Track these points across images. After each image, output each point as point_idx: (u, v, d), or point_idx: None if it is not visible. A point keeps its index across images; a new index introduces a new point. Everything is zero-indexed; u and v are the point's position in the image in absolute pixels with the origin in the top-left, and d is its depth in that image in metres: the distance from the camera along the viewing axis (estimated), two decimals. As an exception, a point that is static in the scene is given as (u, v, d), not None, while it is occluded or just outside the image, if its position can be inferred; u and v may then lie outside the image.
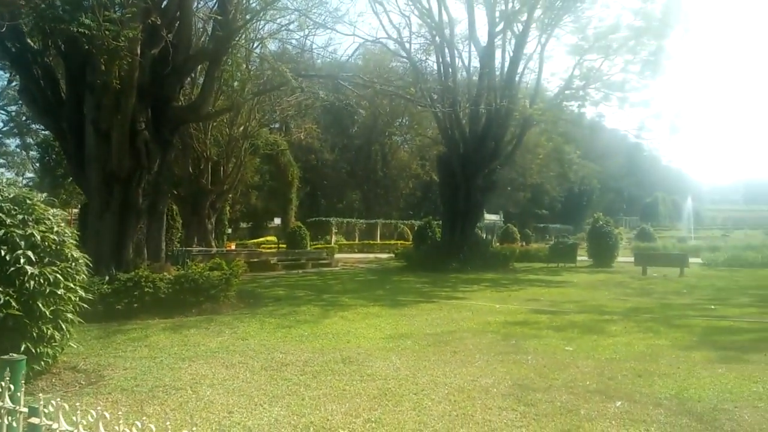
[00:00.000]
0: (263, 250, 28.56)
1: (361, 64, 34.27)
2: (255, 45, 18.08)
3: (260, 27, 19.30)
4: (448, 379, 6.17)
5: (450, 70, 23.59)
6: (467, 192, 23.43)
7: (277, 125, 35.95)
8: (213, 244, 24.69)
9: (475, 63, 24.67)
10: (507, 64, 23.34)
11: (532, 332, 9.20)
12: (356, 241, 43.69)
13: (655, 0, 20.38)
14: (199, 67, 16.57)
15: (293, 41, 22.00)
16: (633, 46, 21.96)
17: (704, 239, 43.22)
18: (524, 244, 36.70)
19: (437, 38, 23.86)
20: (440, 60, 24.02)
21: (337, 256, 30.65)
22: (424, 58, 26.45)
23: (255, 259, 22.40)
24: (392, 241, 41.96)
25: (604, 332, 9.09)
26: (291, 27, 17.62)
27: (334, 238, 41.83)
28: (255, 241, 39.54)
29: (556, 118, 23.65)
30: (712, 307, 12.00)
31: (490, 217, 51.22)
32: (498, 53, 23.92)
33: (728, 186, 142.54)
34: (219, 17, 12.95)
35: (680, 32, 21.08)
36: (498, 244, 35.37)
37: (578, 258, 25.76)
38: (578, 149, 30.17)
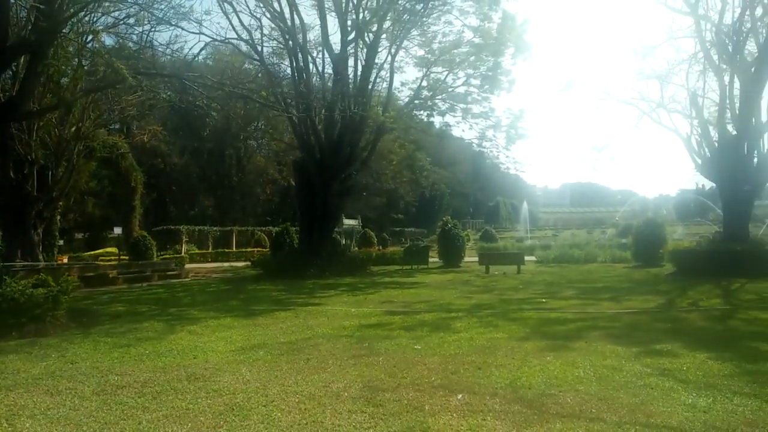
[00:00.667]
0: (101, 263, 26.05)
1: (211, 65, 32.87)
2: (88, 39, 16.46)
3: (95, 20, 17.70)
4: (300, 387, 6.07)
5: (304, 75, 23.55)
6: (324, 197, 23.53)
7: (116, 126, 33.12)
8: (40, 257, 21.95)
9: (330, 69, 25.00)
10: (360, 71, 23.90)
11: (384, 333, 9.41)
12: (210, 250, 41.72)
13: (492, 20, 22.23)
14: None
15: (134, 36, 20.46)
16: (473, 61, 23.73)
17: (539, 239, 47.86)
18: (381, 247, 37.74)
19: (290, 42, 23.70)
20: (294, 64, 23.88)
21: (189, 266, 29.06)
22: (277, 61, 26.14)
23: (91, 273, 20.41)
24: (249, 249, 40.76)
25: (450, 329, 9.58)
26: (129, 21, 16.35)
27: (184, 248, 39.56)
28: (92, 253, 36.05)
29: (408, 126, 24.76)
30: (543, 300, 13.28)
31: (348, 222, 51.94)
32: (351, 61, 24.44)
33: (558, 190, 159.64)
34: (42, 6, 11.58)
35: (513, 51, 23.10)
36: (356, 248, 36.04)
37: (430, 259, 27.11)
38: (429, 156, 31.78)
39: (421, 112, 25.93)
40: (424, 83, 25.05)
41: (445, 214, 37.32)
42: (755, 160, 20.38)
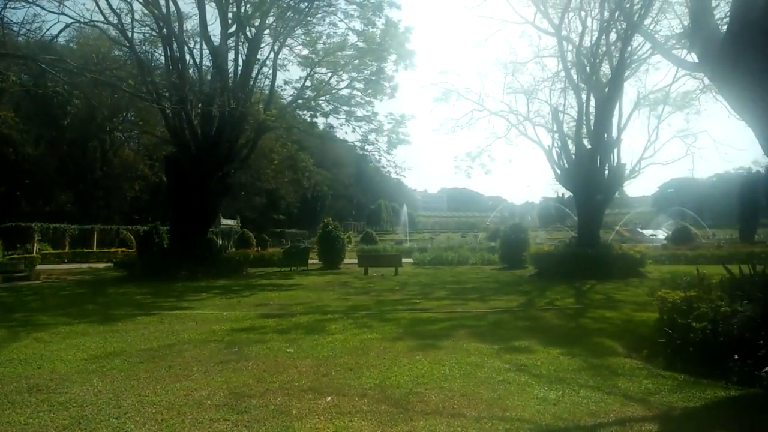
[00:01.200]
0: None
1: (75, 48, 30.05)
2: None
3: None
4: (159, 397, 5.67)
5: (179, 65, 22.27)
6: (200, 195, 22.42)
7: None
8: None
9: (208, 62, 23.85)
10: (241, 66, 23.12)
11: (257, 337, 9.11)
12: (66, 250, 38.02)
13: (376, 26, 22.59)
14: None
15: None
16: (357, 64, 23.96)
17: (417, 241, 49.47)
18: (260, 249, 36.77)
19: (164, 30, 22.30)
20: (168, 54, 22.49)
21: (41, 267, 26.26)
22: (149, 49, 24.49)
23: None
24: (112, 249, 37.76)
25: (325, 331, 9.51)
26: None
27: (36, 247, 35.73)
28: None
29: (290, 125, 24.36)
30: (417, 301, 13.66)
31: (226, 222, 50.05)
32: (232, 55, 23.58)
33: (436, 195, 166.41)
34: None
35: (395, 58, 23.66)
36: (234, 249, 34.80)
37: (310, 261, 26.90)
38: (312, 157, 31.56)
39: (305, 112, 25.72)
40: (308, 83, 24.89)
41: (328, 216, 37.21)
42: (606, 172, 22.62)
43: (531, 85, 27.06)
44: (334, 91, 24.97)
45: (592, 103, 22.61)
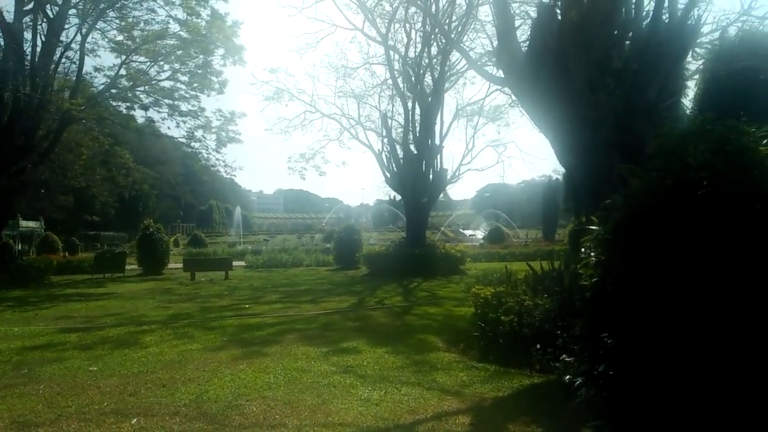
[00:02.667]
0: None
1: None
2: None
3: None
4: None
5: (-40, 41, 18.85)
6: (-13, 193, 19.16)
7: None
8: None
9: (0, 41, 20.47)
10: (40, 48, 20.19)
11: (53, 356, 7.94)
12: None
13: (201, 16, 21.31)
14: None
15: None
16: (181, 55, 22.40)
17: (251, 244, 48.13)
18: (67, 254, 32.74)
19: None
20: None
21: None
22: None
23: None
24: None
25: (138, 344, 8.62)
26: None
27: None
28: None
29: (101, 116, 21.92)
30: (247, 306, 13.10)
31: (27, 224, 43.76)
32: (30, 35, 20.47)
33: (272, 196, 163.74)
34: None
35: (224, 52, 22.58)
36: (35, 255, 30.53)
37: (129, 267, 24.57)
38: (130, 153, 28.84)
39: (120, 103, 23.36)
40: (123, 71, 22.62)
41: (152, 217, 34.37)
42: (431, 176, 24.02)
43: (362, 90, 27.80)
44: (154, 83, 23.04)
45: (418, 110, 23.89)
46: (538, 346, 6.72)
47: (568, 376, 3.98)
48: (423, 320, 10.72)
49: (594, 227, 3.91)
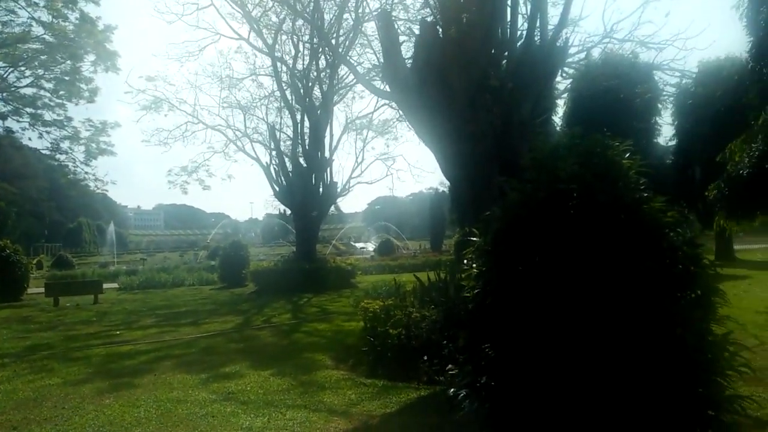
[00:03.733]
0: None
1: None
2: None
3: None
4: None
5: None
6: None
7: None
8: None
9: None
10: None
11: None
12: None
13: (68, 19, 19.55)
14: None
15: None
16: (45, 60, 20.39)
17: (127, 263, 44.82)
18: None
19: None
20: None
21: None
22: None
23: None
24: None
25: (-15, 382, 7.53)
26: None
27: None
28: None
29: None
30: (118, 332, 11.99)
31: None
32: None
33: (152, 211, 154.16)
34: None
35: (94, 59, 20.87)
36: None
37: (-21, 293, 21.70)
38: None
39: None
40: (-24, 76, 20.17)
41: (11, 237, 30.82)
42: (321, 189, 23.80)
43: (248, 102, 27.00)
44: (13, 89, 20.74)
45: (307, 123, 23.62)
46: (426, 357, 6.73)
47: (452, 389, 3.94)
48: (312, 337, 10.43)
49: (475, 239, 3.94)
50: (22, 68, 21.03)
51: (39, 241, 76.19)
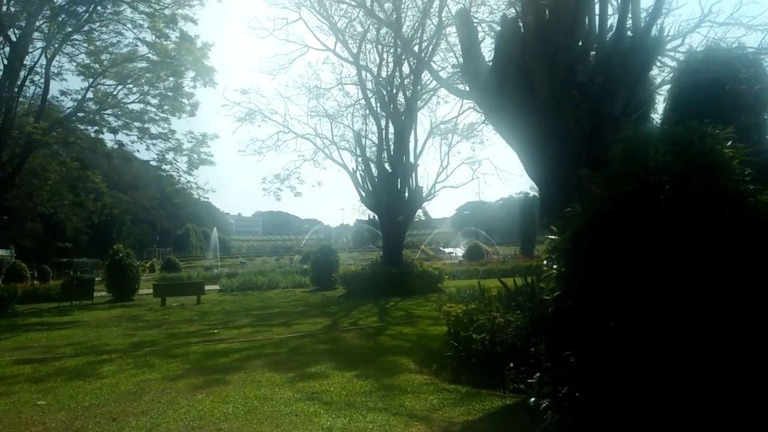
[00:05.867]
0: None
1: None
2: None
3: None
4: None
5: None
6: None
7: None
8: None
9: (-40, 65, 19.98)
10: (2, 72, 19.70)
11: (1, 389, 7.49)
12: None
13: (169, 38, 21.05)
14: None
15: None
16: (150, 78, 22.08)
17: (229, 267, 47.33)
18: (36, 282, 31.74)
19: None
20: None
21: None
22: None
23: None
24: None
25: (94, 375, 8.19)
26: None
27: None
28: None
29: (66, 140, 21.40)
30: (216, 331, 12.65)
31: (-1, 253, 42.56)
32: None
33: (251, 218, 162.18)
34: None
35: (194, 74, 22.30)
36: (1, 284, 29.48)
37: (99, 293, 23.83)
38: (103, 178, 28.22)
39: (88, 127, 22.86)
40: (90, 95, 22.20)
41: (126, 243, 33.60)
42: (407, 194, 23.86)
43: (335, 110, 27.65)
44: (123, 105, 22.62)
45: (392, 129, 23.79)
46: (511, 364, 6.47)
47: (533, 399, 3.73)
48: (396, 341, 10.41)
49: (553, 237, 3.71)
50: (130, 85, 22.95)
51: (151, 246, 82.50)
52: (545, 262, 3.81)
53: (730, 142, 3.43)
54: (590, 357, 3.12)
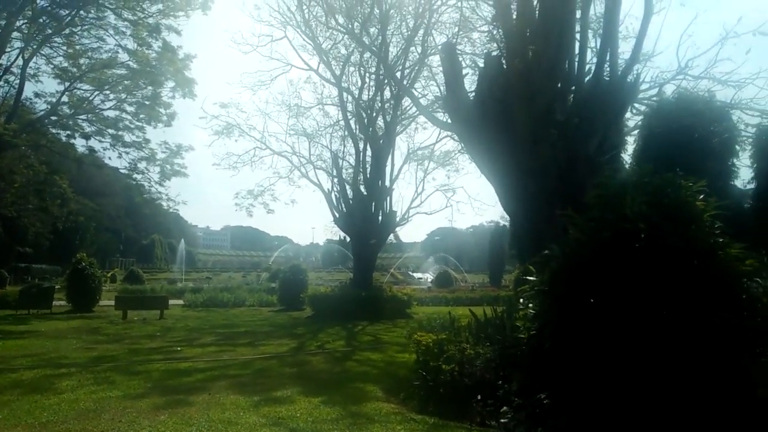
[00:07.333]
0: None
1: None
2: None
3: None
4: None
5: None
6: None
7: None
8: None
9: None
10: (-26, 69, 19.32)
11: (-49, 403, 7.17)
12: None
13: (151, 47, 20.92)
14: None
15: None
16: (129, 86, 21.85)
17: (194, 281, 46.38)
18: (-8, 288, 30.61)
19: None
20: None
21: None
22: None
23: None
24: None
25: (52, 389, 7.90)
26: None
27: None
28: None
29: (37, 143, 20.93)
30: (179, 348, 12.36)
31: (-51, 255, 40.87)
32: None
33: (219, 232, 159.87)
34: None
35: (174, 85, 22.17)
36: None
37: (58, 303, 23.07)
38: (66, 181, 27.58)
39: (60, 131, 22.41)
40: (66, 99, 21.80)
41: (89, 251, 32.73)
42: (380, 217, 23.95)
43: (314, 130, 27.74)
44: (98, 111, 22.28)
45: (369, 152, 23.99)
46: (479, 397, 6.49)
47: (504, 436, 3.76)
48: (364, 366, 10.35)
49: (531, 278, 3.79)
50: (107, 92, 22.65)
51: (114, 256, 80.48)
52: (521, 300, 3.89)
53: (702, 195, 3.59)
54: (565, 400, 3.18)
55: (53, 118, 21.79)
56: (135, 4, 20.44)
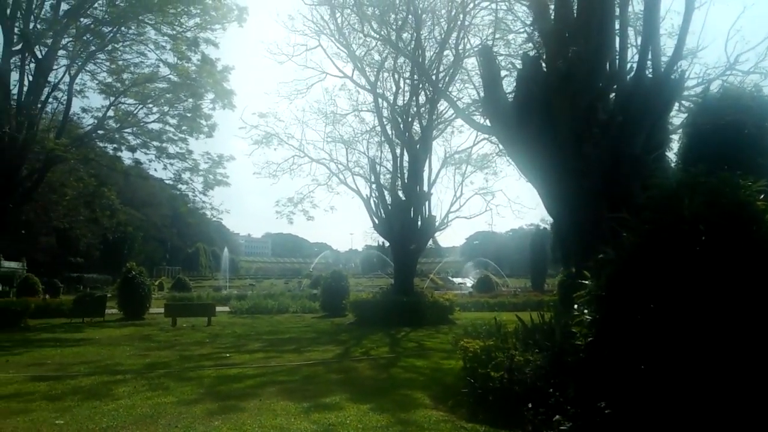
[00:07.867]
0: None
1: None
2: None
3: None
4: None
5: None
6: (-36, 234, 18.73)
7: None
8: None
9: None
10: (27, 88, 20.20)
11: (19, 407, 7.53)
12: None
13: (191, 61, 21.57)
14: None
15: None
16: (170, 99, 22.55)
17: (237, 288, 47.33)
18: (48, 296, 31.88)
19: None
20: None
21: None
22: None
23: None
24: None
25: (109, 396, 8.19)
26: None
27: None
28: None
29: (86, 157, 21.79)
30: (228, 355, 12.64)
31: (9, 265, 42.87)
32: (18, 75, 20.53)
33: (260, 240, 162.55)
34: None
35: (213, 96, 22.82)
36: (15, 297, 29.66)
37: (110, 311, 23.92)
38: (119, 195, 28.63)
39: (107, 144, 23.31)
40: (111, 113, 22.69)
41: (137, 260, 33.80)
42: (419, 223, 23.91)
43: (350, 136, 27.94)
44: (142, 124, 23.09)
45: (406, 157, 24.00)
46: (530, 405, 6.39)
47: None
48: (409, 373, 10.34)
49: (586, 282, 3.73)
50: (150, 105, 23.48)
51: (161, 264, 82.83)
52: (576, 306, 3.83)
53: (762, 195, 3.46)
54: (627, 409, 3.11)
55: (100, 132, 22.69)
56: (173, 19, 21.15)
